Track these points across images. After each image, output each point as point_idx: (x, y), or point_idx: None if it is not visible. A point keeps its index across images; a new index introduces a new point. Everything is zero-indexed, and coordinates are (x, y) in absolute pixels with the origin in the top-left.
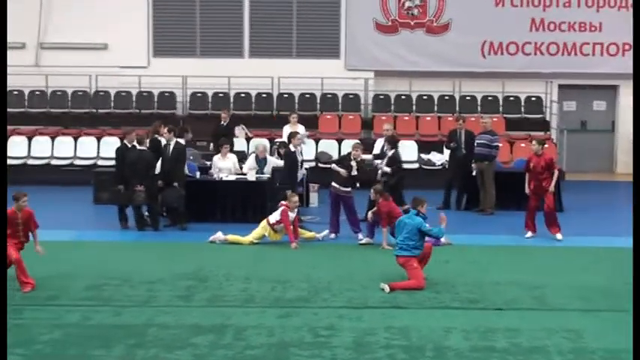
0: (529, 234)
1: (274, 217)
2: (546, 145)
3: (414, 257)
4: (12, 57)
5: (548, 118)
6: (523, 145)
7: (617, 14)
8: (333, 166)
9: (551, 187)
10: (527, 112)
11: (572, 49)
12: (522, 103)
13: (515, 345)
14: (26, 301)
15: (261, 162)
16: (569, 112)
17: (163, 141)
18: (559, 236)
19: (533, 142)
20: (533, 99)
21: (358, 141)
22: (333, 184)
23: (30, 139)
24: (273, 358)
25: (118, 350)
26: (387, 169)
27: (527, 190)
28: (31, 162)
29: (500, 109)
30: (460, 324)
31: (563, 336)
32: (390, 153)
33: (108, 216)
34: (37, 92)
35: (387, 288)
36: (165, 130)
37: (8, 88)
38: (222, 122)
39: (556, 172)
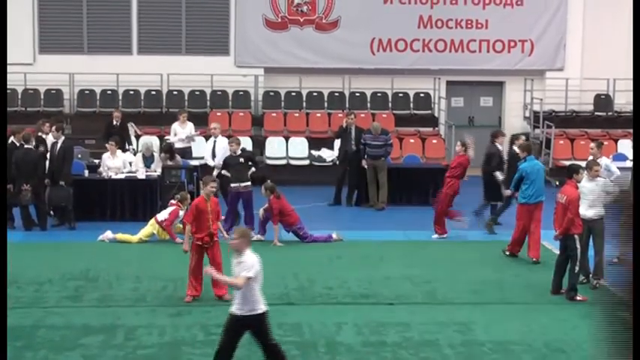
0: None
1: (163, 215)
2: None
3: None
4: None
5: (436, 114)
6: (412, 140)
7: (502, 11)
8: (224, 171)
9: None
10: (416, 109)
11: (460, 46)
12: (411, 100)
13: (407, 339)
14: None
15: (147, 160)
16: (456, 108)
17: (49, 139)
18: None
19: (458, 142)
20: (422, 95)
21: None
22: (232, 184)
23: None
24: (166, 358)
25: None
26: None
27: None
28: None
29: (390, 105)
30: (352, 319)
31: (454, 329)
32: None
33: None
34: None
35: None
36: (53, 128)
37: None
38: (114, 122)
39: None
